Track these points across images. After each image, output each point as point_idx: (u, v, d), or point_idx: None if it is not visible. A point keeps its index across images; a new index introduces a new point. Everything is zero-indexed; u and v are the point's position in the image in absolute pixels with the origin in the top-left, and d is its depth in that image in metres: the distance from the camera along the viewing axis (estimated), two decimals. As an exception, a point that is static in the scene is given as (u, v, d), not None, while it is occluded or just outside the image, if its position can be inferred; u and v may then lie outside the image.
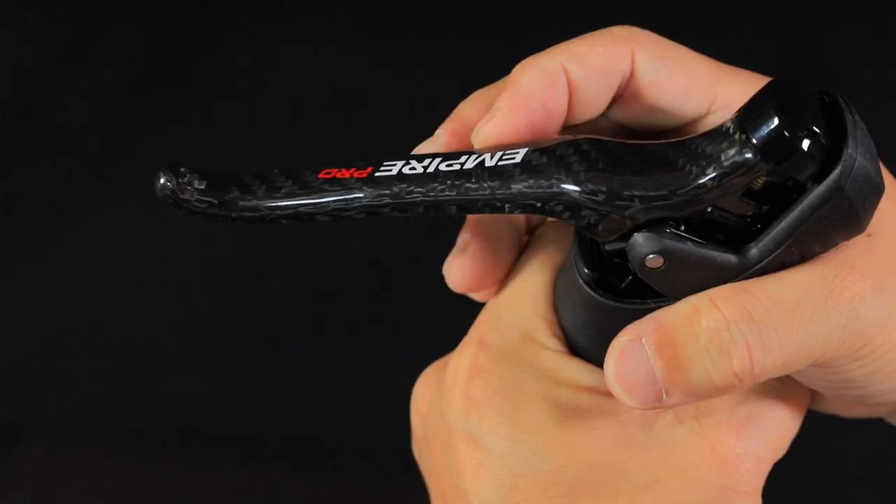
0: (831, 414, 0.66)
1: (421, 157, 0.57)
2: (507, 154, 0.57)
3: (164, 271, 1.30)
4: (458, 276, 0.61)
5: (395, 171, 0.57)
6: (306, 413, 1.26)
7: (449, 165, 0.57)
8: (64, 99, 1.36)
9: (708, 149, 0.54)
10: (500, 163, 0.56)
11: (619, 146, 0.56)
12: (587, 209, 0.55)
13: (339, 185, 0.57)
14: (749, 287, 0.55)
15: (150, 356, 1.28)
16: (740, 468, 0.58)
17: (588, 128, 0.61)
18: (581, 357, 0.59)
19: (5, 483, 1.22)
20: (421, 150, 0.60)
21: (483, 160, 0.56)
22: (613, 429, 0.58)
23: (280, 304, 1.29)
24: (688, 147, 0.55)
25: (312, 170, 0.58)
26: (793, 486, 1.01)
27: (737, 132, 0.53)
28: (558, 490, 0.57)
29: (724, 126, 0.54)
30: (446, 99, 0.64)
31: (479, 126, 0.58)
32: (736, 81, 0.59)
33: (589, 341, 0.59)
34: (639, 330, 0.55)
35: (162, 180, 0.57)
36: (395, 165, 0.57)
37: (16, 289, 1.30)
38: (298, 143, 1.33)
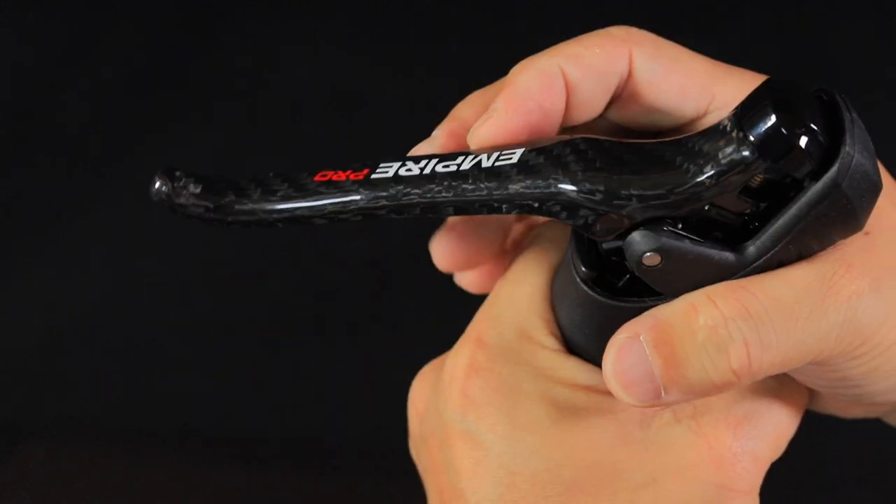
0: (829, 414, 0.66)
1: (417, 159, 0.57)
2: (504, 154, 0.56)
3: (163, 271, 1.30)
4: (444, 253, 0.62)
5: (391, 173, 0.57)
6: (306, 413, 1.26)
7: (445, 167, 0.57)
8: (64, 99, 1.36)
9: (705, 147, 0.54)
10: (497, 163, 0.56)
11: (616, 145, 0.56)
12: (585, 209, 0.55)
13: (335, 187, 0.57)
14: (747, 284, 0.55)
15: (150, 356, 1.28)
16: (737, 467, 0.58)
17: (586, 128, 0.61)
18: (579, 356, 0.59)
19: (5, 483, 1.22)
20: (417, 151, 0.59)
21: (480, 161, 0.56)
22: (611, 427, 0.58)
23: (280, 304, 1.28)
24: (685, 145, 0.55)
25: (308, 172, 0.58)
26: (791, 487, 1.00)
27: (734, 130, 0.53)
28: (556, 489, 0.57)
29: (722, 124, 0.54)
30: (446, 99, 0.64)
31: (475, 127, 0.58)
32: (733, 80, 0.59)
33: (586, 340, 0.59)
34: (636, 327, 0.55)
35: (157, 185, 0.56)
36: (391, 167, 0.57)
37: (16, 289, 1.30)
38: (298, 143, 1.33)
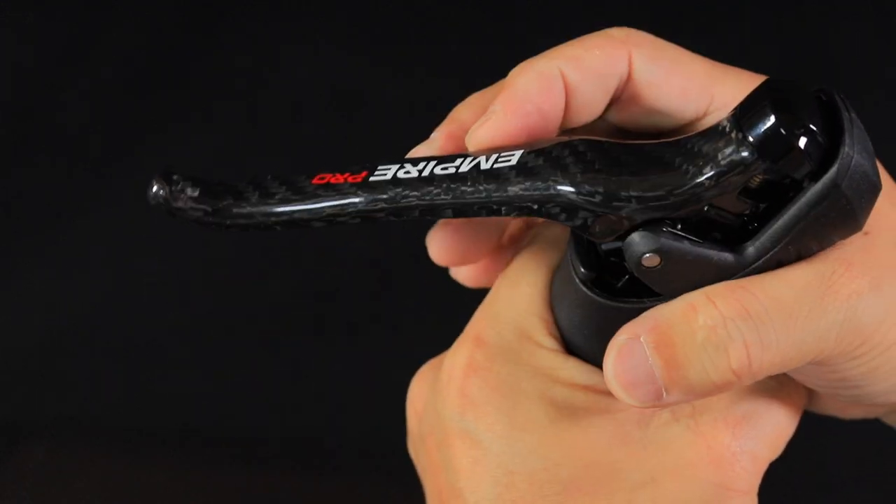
0: (828, 415, 0.66)
1: (416, 161, 0.57)
2: (503, 156, 0.56)
3: (163, 271, 1.30)
4: (440, 248, 0.62)
5: (389, 176, 0.57)
6: (306, 413, 1.26)
7: (444, 169, 0.56)
8: (64, 99, 1.36)
9: (704, 148, 0.54)
10: (496, 165, 0.56)
11: (615, 146, 0.56)
12: (584, 210, 0.55)
13: (333, 190, 0.57)
14: (746, 284, 0.55)
15: (150, 356, 1.28)
16: (736, 466, 0.57)
17: (585, 130, 0.61)
18: (578, 356, 0.59)
19: (5, 483, 1.22)
20: (416, 153, 0.59)
21: (479, 163, 0.56)
22: (609, 427, 0.58)
23: (280, 304, 1.28)
24: (684, 146, 0.55)
25: (306, 175, 0.58)
26: (790, 487, 1.01)
27: (733, 130, 0.53)
28: (554, 488, 0.57)
29: (721, 125, 0.54)
30: (446, 99, 0.63)
31: (473, 128, 0.58)
32: (733, 81, 0.59)
33: (585, 340, 0.59)
34: (637, 328, 0.55)
35: (154, 188, 0.56)
36: (389, 170, 0.57)
37: (16, 289, 1.30)
38: (298, 143, 1.33)
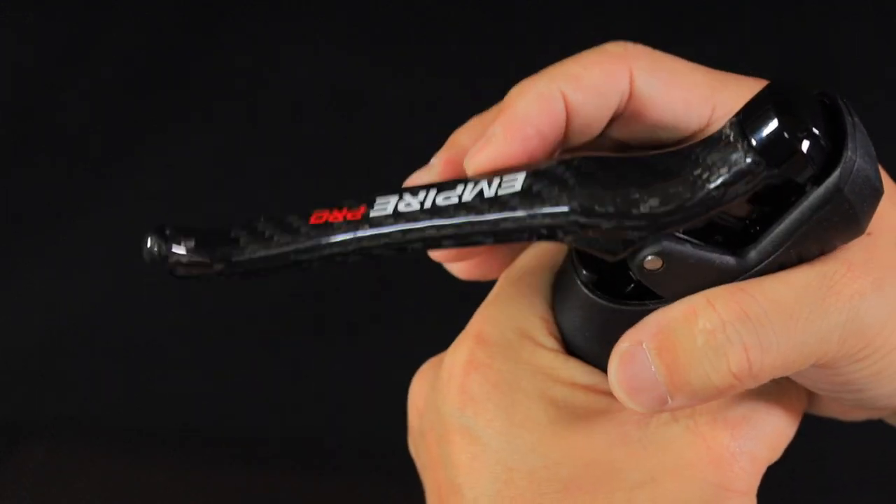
0: (829, 417, 0.66)
1: (415, 191, 0.55)
2: (506, 182, 0.55)
3: (163, 271, 1.30)
4: None
5: (389, 210, 0.55)
6: (306, 413, 1.26)
7: (447, 198, 0.55)
8: (64, 99, 1.36)
9: (710, 157, 0.54)
10: (500, 192, 0.55)
11: (620, 162, 0.55)
12: (594, 230, 0.54)
13: (331, 230, 0.55)
14: (746, 287, 0.54)
15: (150, 356, 1.28)
16: (735, 467, 0.57)
17: (587, 148, 0.60)
18: (578, 357, 0.59)
19: (5, 483, 1.22)
20: (414, 180, 0.58)
21: (482, 190, 0.55)
22: (609, 427, 0.58)
23: (280, 304, 1.28)
24: (688, 157, 0.54)
25: (302, 214, 0.56)
26: (790, 489, 1.01)
27: (738, 138, 0.53)
28: (553, 486, 0.57)
29: (724, 132, 0.54)
30: (446, 99, 0.63)
31: (472, 152, 0.57)
32: (734, 88, 0.58)
33: (586, 342, 0.59)
34: (639, 334, 0.55)
35: (149, 244, 0.55)
36: (388, 202, 0.55)
37: (16, 289, 1.30)
38: (298, 143, 1.33)
